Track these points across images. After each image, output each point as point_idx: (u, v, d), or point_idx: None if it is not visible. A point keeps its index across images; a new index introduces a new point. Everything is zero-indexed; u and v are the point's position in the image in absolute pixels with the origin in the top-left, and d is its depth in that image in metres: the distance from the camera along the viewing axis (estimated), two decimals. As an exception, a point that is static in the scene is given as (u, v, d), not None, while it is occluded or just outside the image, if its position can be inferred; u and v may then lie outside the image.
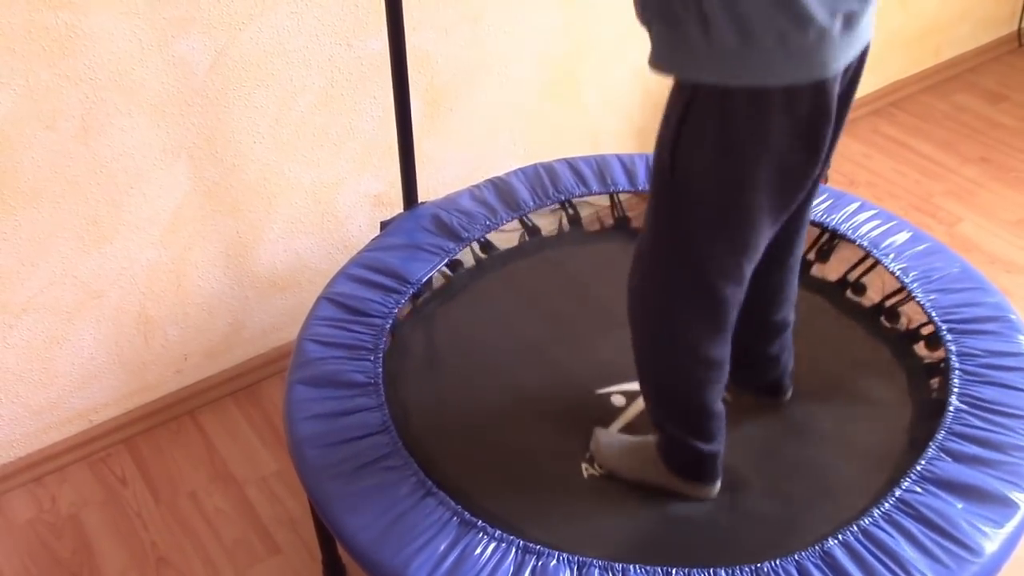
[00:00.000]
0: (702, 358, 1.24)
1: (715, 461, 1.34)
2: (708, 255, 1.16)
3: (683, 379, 1.27)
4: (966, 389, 1.42)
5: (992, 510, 1.26)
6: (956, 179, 2.57)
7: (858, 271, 1.70)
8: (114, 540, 1.76)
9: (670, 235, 1.18)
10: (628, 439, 1.43)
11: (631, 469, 1.39)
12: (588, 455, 1.42)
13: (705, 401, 1.28)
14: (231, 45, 1.69)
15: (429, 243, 1.72)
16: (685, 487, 1.36)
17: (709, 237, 1.15)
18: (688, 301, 1.20)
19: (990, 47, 3.04)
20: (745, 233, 1.14)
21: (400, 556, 1.22)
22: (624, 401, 1.51)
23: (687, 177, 1.11)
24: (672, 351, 1.25)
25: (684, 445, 1.31)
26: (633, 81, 2.29)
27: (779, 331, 1.42)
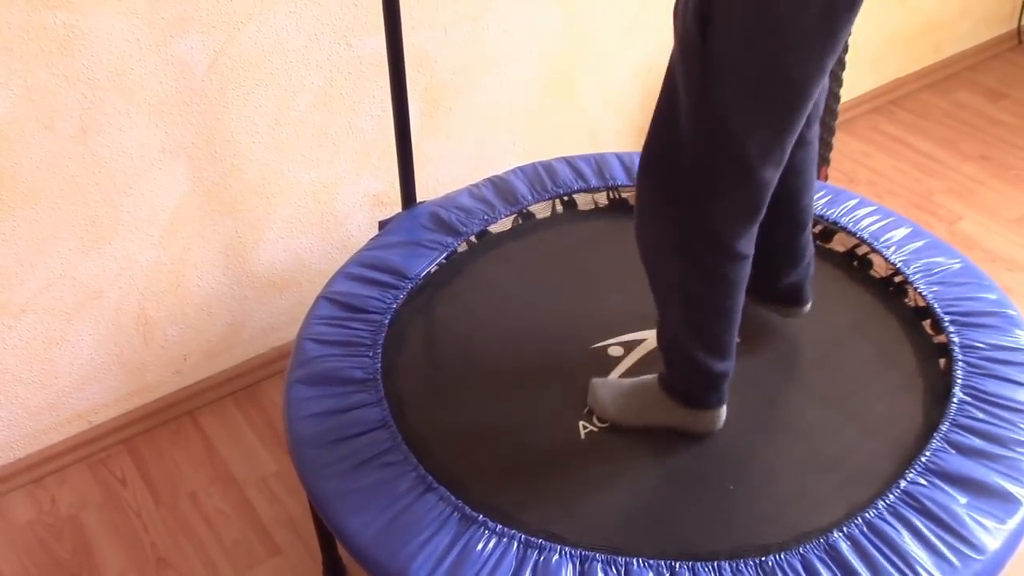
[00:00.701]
0: (734, 254, 1.17)
1: (724, 382, 1.30)
2: (750, 135, 1.08)
3: (710, 281, 1.20)
4: (969, 381, 1.42)
5: (996, 506, 1.26)
6: (956, 177, 2.56)
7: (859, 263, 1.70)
8: (114, 541, 1.75)
9: (703, 116, 1.09)
10: (627, 382, 1.39)
11: (633, 413, 1.35)
12: (586, 410, 1.40)
13: (730, 303, 1.22)
14: (230, 45, 1.69)
15: (428, 240, 1.72)
16: (691, 419, 1.32)
17: (749, 110, 1.07)
18: (726, 190, 1.12)
19: (990, 44, 3.04)
20: (791, 102, 1.06)
21: (401, 555, 1.21)
22: (622, 351, 1.49)
23: (722, 44, 1.03)
24: (703, 250, 1.17)
25: (696, 365, 1.26)
26: (632, 80, 2.29)
27: (805, 219, 1.35)
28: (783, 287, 1.43)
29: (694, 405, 1.32)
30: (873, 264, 1.68)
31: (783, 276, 1.42)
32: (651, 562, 1.20)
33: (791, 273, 1.42)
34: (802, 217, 1.36)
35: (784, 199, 1.31)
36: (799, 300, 1.45)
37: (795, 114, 1.09)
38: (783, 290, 1.43)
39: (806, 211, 1.36)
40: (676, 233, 1.18)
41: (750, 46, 1.04)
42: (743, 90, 1.06)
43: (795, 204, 1.35)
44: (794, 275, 1.42)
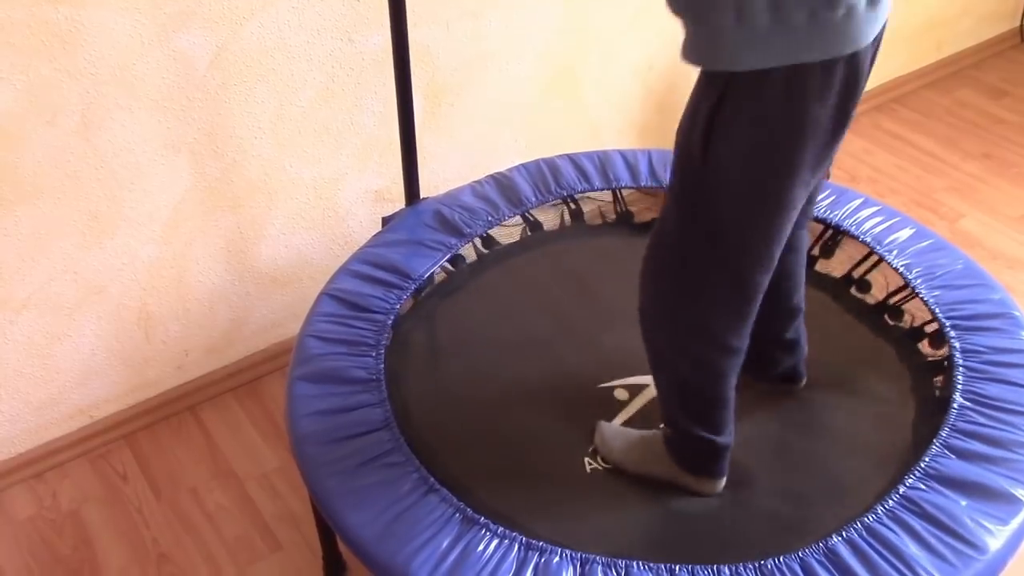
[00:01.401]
0: (728, 348, 1.23)
1: (724, 455, 1.33)
2: (743, 246, 1.15)
3: (703, 372, 1.25)
4: (970, 386, 1.42)
5: (997, 507, 1.26)
6: (958, 175, 2.56)
7: (862, 268, 1.70)
8: (115, 536, 1.75)
9: (700, 230, 1.16)
10: (633, 432, 1.42)
11: (636, 463, 1.38)
12: (591, 449, 1.42)
13: (721, 391, 1.27)
14: (232, 40, 1.69)
15: (431, 239, 1.72)
16: (691, 481, 1.35)
17: (744, 227, 1.13)
18: (721, 299, 1.19)
19: (992, 43, 3.04)
20: (780, 217, 1.12)
21: (402, 553, 1.22)
22: (627, 395, 1.51)
23: (722, 167, 1.09)
24: (696, 348, 1.24)
25: (695, 438, 1.30)
26: (634, 77, 2.28)
27: (795, 315, 1.42)
28: (779, 372, 1.49)
29: (695, 472, 1.35)
30: (876, 269, 1.68)
31: (779, 364, 1.47)
32: (651, 566, 1.20)
33: (787, 361, 1.47)
34: (794, 312, 1.42)
35: (776, 299, 1.36)
36: (794, 379, 1.50)
37: (786, 226, 1.15)
38: (779, 374, 1.49)
39: (797, 306, 1.42)
40: (673, 331, 1.25)
41: (747, 171, 1.09)
42: (741, 211, 1.12)
43: (787, 303, 1.40)
44: (790, 362, 1.47)
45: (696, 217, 1.16)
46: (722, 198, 1.12)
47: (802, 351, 1.47)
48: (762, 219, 1.13)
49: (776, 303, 1.37)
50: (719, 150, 1.08)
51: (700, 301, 1.20)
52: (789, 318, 1.42)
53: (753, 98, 1.04)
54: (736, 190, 1.11)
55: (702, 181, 1.12)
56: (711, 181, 1.11)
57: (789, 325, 1.42)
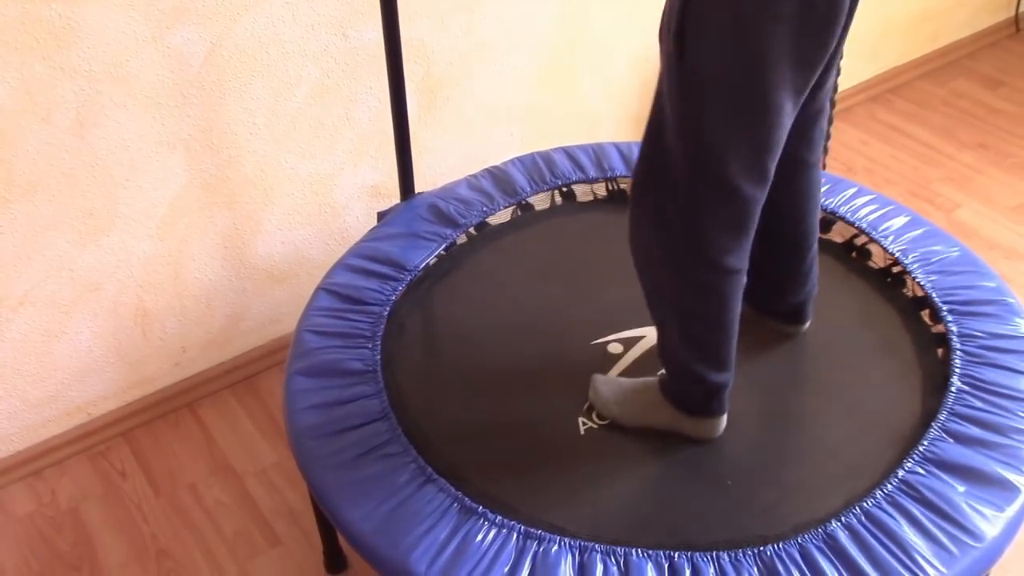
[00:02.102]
0: (725, 268, 1.18)
1: (724, 392, 1.30)
2: (727, 150, 1.10)
3: (703, 296, 1.21)
4: (967, 370, 1.42)
5: (994, 494, 1.26)
6: (954, 165, 2.56)
7: (857, 254, 1.70)
8: (114, 533, 1.75)
9: (684, 133, 1.11)
10: (628, 382, 1.39)
11: (633, 413, 1.35)
12: (586, 406, 1.40)
13: (725, 317, 1.23)
14: (226, 36, 1.69)
15: (426, 231, 1.72)
16: (691, 424, 1.33)
17: (726, 128, 1.09)
18: (710, 206, 1.14)
19: (988, 33, 3.04)
20: (765, 120, 1.08)
21: (401, 545, 1.22)
22: (621, 348, 1.50)
23: (698, 59, 1.05)
24: (693, 265, 1.19)
25: (695, 376, 1.27)
26: (630, 69, 2.28)
27: (809, 241, 1.37)
28: (784, 306, 1.45)
29: (694, 413, 1.33)
30: (872, 254, 1.68)
31: (785, 296, 1.43)
32: (650, 552, 1.20)
33: (793, 293, 1.43)
34: (806, 239, 1.37)
35: (787, 220, 1.33)
36: (799, 319, 1.46)
37: (773, 132, 1.10)
38: (784, 308, 1.45)
39: (810, 233, 1.37)
40: (667, 248, 1.20)
41: (723, 65, 1.06)
42: (720, 108, 1.08)
43: (799, 226, 1.35)
44: (796, 296, 1.43)
45: (679, 122, 1.11)
46: (700, 96, 1.08)
47: (812, 290, 1.42)
48: (742, 120, 1.08)
49: (786, 226, 1.32)
50: (693, 43, 1.04)
51: (692, 216, 1.15)
52: (801, 245, 1.36)
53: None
54: (713, 86, 1.07)
55: (681, 81, 1.08)
56: (688, 79, 1.07)
57: (801, 254, 1.36)
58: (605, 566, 1.19)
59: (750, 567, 1.19)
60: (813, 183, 1.33)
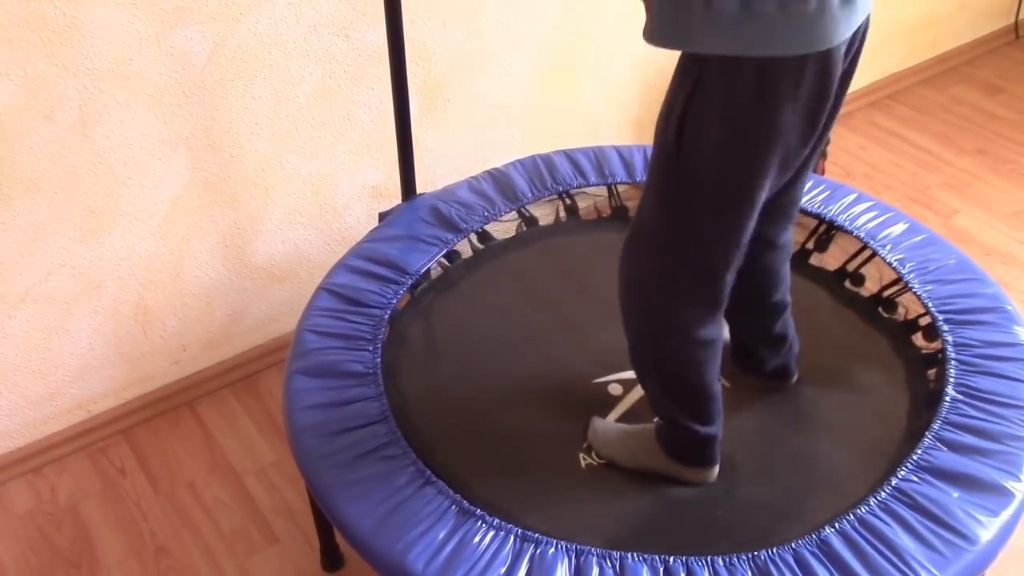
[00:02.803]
0: (698, 340, 1.24)
1: (713, 444, 1.34)
2: (711, 238, 1.17)
3: (678, 362, 1.27)
4: (962, 379, 1.43)
5: (988, 499, 1.27)
6: (952, 171, 2.57)
7: (856, 262, 1.71)
8: (113, 530, 1.76)
9: (673, 220, 1.18)
10: (625, 427, 1.44)
11: (629, 457, 1.39)
12: (586, 445, 1.43)
13: (701, 382, 1.29)
14: (229, 36, 1.69)
15: (427, 234, 1.72)
16: (684, 472, 1.36)
17: (713, 219, 1.15)
18: (688, 285, 1.21)
19: (987, 39, 3.04)
20: (746, 213, 1.15)
21: (398, 545, 1.22)
22: (621, 390, 1.52)
23: (694, 156, 1.11)
24: (667, 336, 1.25)
25: (683, 429, 1.32)
26: (631, 72, 2.29)
27: (780, 311, 1.43)
28: (767, 370, 1.49)
29: (687, 462, 1.36)
30: (870, 261, 1.69)
31: (768, 361, 1.48)
32: (646, 557, 1.21)
33: (775, 358, 1.48)
34: (776, 309, 1.43)
35: (760, 295, 1.39)
36: (785, 377, 1.51)
37: (750, 222, 1.16)
38: (770, 371, 1.50)
39: (780, 303, 1.42)
40: (644, 317, 1.27)
41: (718, 167, 1.11)
42: (710, 204, 1.14)
43: (771, 298, 1.41)
44: (778, 359, 1.48)
45: (668, 205, 1.17)
46: (692, 188, 1.14)
47: (791, 349, 1.48)
48: (730, 215, 1.15)
49: (760, 300, 1.39)
50: (691, 141, 1.10)
51: (669, 289, 1.22)
52: (774, 314, 1.43)
53: (724, 94, 1.05)
54: (705, 181, 1.12)
55: (675, 170, 1.14)
56: (683, 170, 1.13)
57: (774, 322, 1.43)
58: (601, 569, 1.20)
59: (744, 572, 1.20)
60: (784, 261, 1.40)
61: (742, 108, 1.06)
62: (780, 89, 1.04)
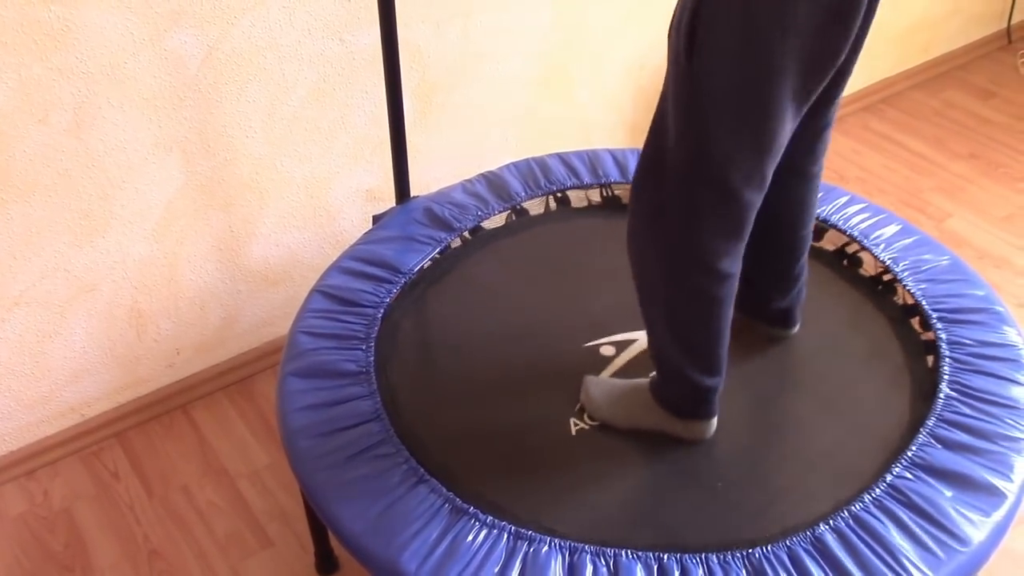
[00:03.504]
0: (718, 273, 1.19)
1: (714, 395, 1.31)
2: (730, 155, 1.10)
3: (696, 300, 1.22)
4: (956, 377, 1.43)
5: (980, 499, 1.27)
6: (945, 175, 2.58)
7: (848, 262, 1.71)
8: (106, 534, 1.76)
9: (688, 135, 1.11)
10: (619, 383, 1.40)
11: (623, 415, 1.36)
12: (578, 407, 1.41)
13: (716, 322, 1.23)
14: (223, 39, 1.70)
15: (421, 234, 1.73)
16: (681, 427, 1.33)
17: (731, 133, 1.09)
18: (708, 209, 1.14)
19: (980, 44, 3.06)
20: (769, 126, 1.08)
21: (392, 545, 1.22)
22: (614, 351, 1.51)
23: (707, 62, 1.05)
24: (686, 270, 1.19)
25: (685, 379, 1.28)
26: (625, 76, 2.30)
27: (802, 248, 1.38)
28: (773, 309, 1.46)
29: (684, 415, 1.34)
30: (862, 262, 1.70)
31: (774, 300, 1.44)
32: (640, 554, 1.21)
33: (782, 298, 1.44)
34: (799, 246, 1.38)
35: (783, 227, 1.34)
36: (787, 323, 1.48)
37: (776, 138, 1.10)
38: (773, 312, 1.46)
39: (804, 241, 1.38)
40: (662, 250, 1.20)
41: (731, 69, 1.06)
42: (725, 111, 1.08)
43: (794, 233, 1.36)
44: (785, 300, 1.44)
45: (684, 123, 1.11)
46: (707, 100, 1.08)
47: (800, 294, 1.43)
48: (748, 126, 1.08)
49: (785, 234, 1.32)
50: (703, 46, 1.04)
51: (689, 218, 1.15)
52: (793, 252, 1.37)
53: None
54: (720, 91, 1.07)
55: (688, 82, 1.08)
56: (696, 82, 1.07)
57: (793, 260, 1.38)
58: (595, 567, 1.20)
59: (738, 569, 1.20)
60: (813, 193, 1.34)
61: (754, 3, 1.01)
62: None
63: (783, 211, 1.29)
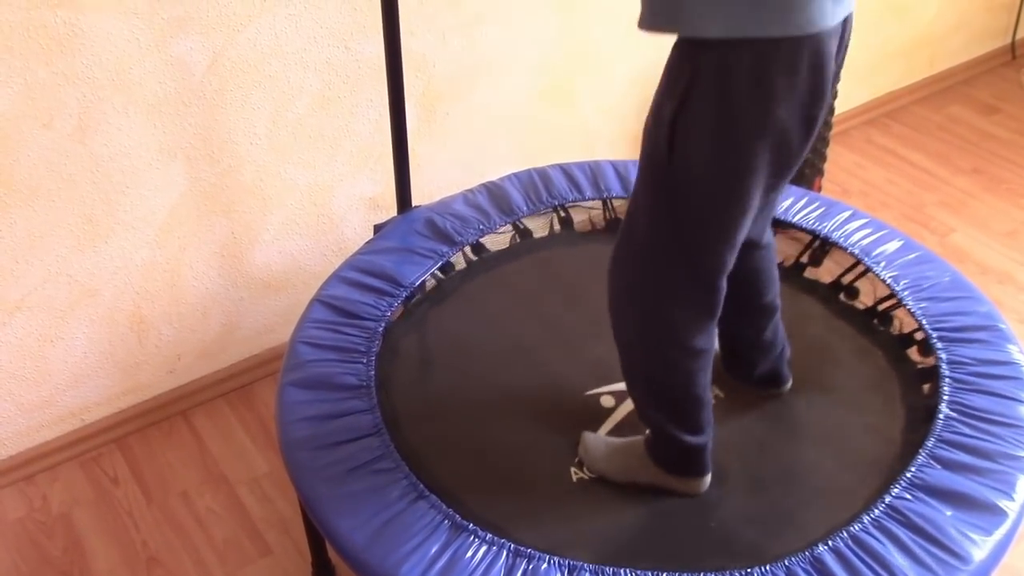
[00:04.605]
0: (692, 349, 1.24)
1: (704, 454, 1.33)
2: (704, 246, 1.16)
3: (671, 371, 1.26)
4: (956, 397, 1.43)
5: (981, 518, 1.27)
6: (948, 190, 2.58)
7: (849, 278, 1.71)
8: (105, 539, 1.75)
9: (664, 228, 1.17)
10: (615, 441, 1.43)
11: (620, 470, 1.38)
12: (577, 460, 1.43)
13: (694, 391, 1.28)
14: (229, 46, 1.70)
15: (422, 247, 1.72)
16: (675, 483, 1.35)
17: (705, 227, 1.15)
18: (682, 295, 1.20)
19: (984, 59, 3.06)
20: (739, 220, 1.14)
21: (390, 559, 1.22)
22: (613, 402, 1.51)
23: (685, 162, 1.10)
24: (661, 345, 1.24)
25: (673, 439, 1.31)
26: (628, 89, 2.30)
27: (770, 314, 1.42)
28: (761, 373, 1.49)
29: (677, 473, 1.35)
30: (863, 279, 1.69)
31: (758, 365, 1.48)
32: (638, 573, 1.21)
33: (765, 362, 1.47)
34: (769, 310, 1.42)
35: (750, 297, 1.38)
36: (777, 383, 1.51)
37: (745, 228, 1.16)
38: (761, 376, 1.49)
39: (772, 304, 1.42)
40: (637, 326, 1.26)
41: (710, 172, 1.11)
42: (702, 210, 1.14)
43: (761, 300, 1.40)
44: (768, 363, 1.47)
45: (660, 213, 1.16)
46: (685, 196, 1.13)
47: (782, 353, 1.47)
48: (723, 218, 1.14)
49: (749, 301, 1.37)
50: (684, 144, 1.09)
51: (662, 298, 1.21)
52: (764, 317, 1.41)
53: (718, 91, 1.05)
54: (699, 189, 1.12)
55: (667, 179, 1.13)
56: (675, 180, 1.12)
57: (764, 324, 1.42)
58: (594, 584, 1.20)
59: (737, 588, 1.20)
60: (771, 260, 1.40)
61: (738, 105, 1.05)
62: (776, 82, 1.04)
63: (748, 282, 1.35)
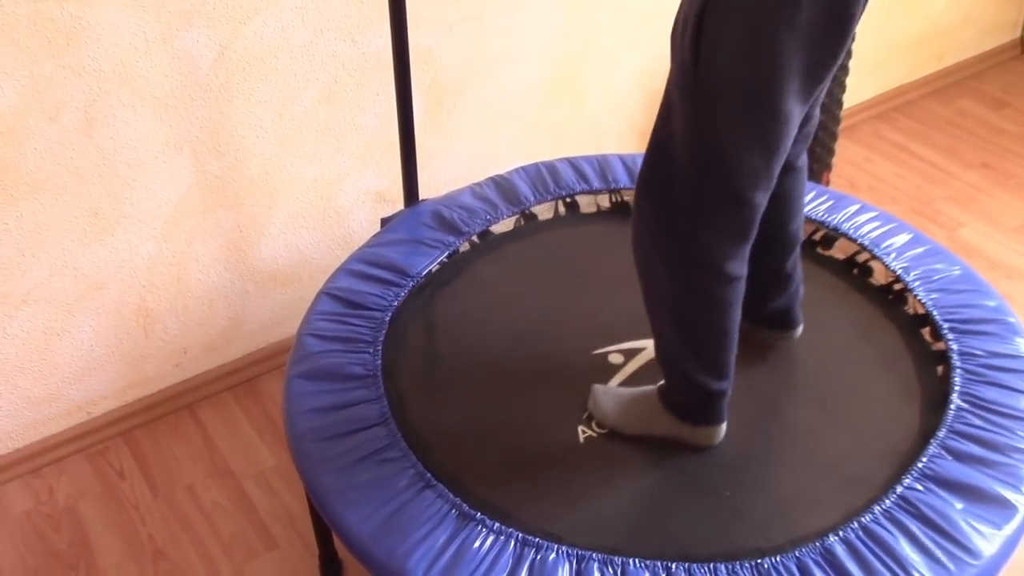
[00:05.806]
0: (725, 275, 1.18)
1: (722, 401, 1.31)
2: (738, 160, 1.10)
3: (702, 302, 1.21)
4: (967, 388, 1.42)
5: (992, 512, 1.26)
6: (957, 184, 2.57)
7: (859, 270, 1.70)
8: (111, 532, 1.75)
9: (696, 140, 1.11)
10: (627, 391, 1.39)
11: (632, 422, 1.36)
12: (586, 415, 1.40)
13: (724, 324, 1.23)
14: (235, 39, 1.70)
15: (429, 238, 1.72)
16: (689, 432, 1.33)
17: (739, 138, 1.09)
18: (716, 215, 1.14)
19: (993, 53, 3.05)
20: (776, 127, 1.08)
21: (398, 550, 1.22)
22: (622, 359, 1.50)
23: (713, 69, 1.06)
24: (695, 271, 1.19)
25: (693, 383, 1.27)
26: (635, 82, 2.29)
27: (791, 246, 1.38)
28: (772, 311, 1.45)
29: (692, 421, 1.33)
30: (873, 271, 1.69)
31: (771, 300, 1.44)
32: (648, 563, 1.20)
33: (779, 297, 1.44)
34: (790, 241, 1.38)
35: (773, 224, 1.33)
36: (789, 323, 1.47)
37: (783, 140, 1.11)
38: (772, 313, 1.45)
39: (794, 236, 1.38)
40: (668, 254, 1.20)
41: (738, 74, 1.06)
42: (733, 117, 1.09)
43: (784, 229, 1.37)
44: (782, 299, 1.44)
45: (691, 129, 1.11)
46: (714, 105, 1.08)
47: (797, 291, 1.43)
48: (755, 128, 1.09)
49: (772, 230, 1.32)
50: (709, 52, 1.05)
51: (696, 222, 1.15)
52: (785, 248, 1.37)
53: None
54: (727, 95, 1.07)
55: (694, 88, 1.08)
56: (703, 87, 1.08)
57: (785, 256, 1.38)
58: (602, 575, 1.19)
59: (747, 580, 1.19)
60: (800, 186, 1.35)
61: (759, 6, 1.01)
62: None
63: (772, 208, 1.28)
